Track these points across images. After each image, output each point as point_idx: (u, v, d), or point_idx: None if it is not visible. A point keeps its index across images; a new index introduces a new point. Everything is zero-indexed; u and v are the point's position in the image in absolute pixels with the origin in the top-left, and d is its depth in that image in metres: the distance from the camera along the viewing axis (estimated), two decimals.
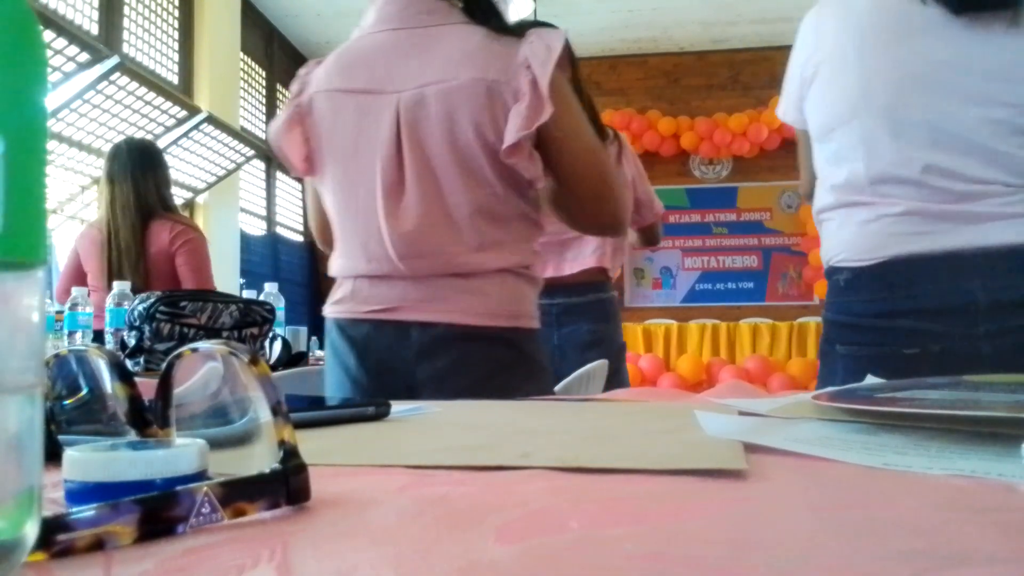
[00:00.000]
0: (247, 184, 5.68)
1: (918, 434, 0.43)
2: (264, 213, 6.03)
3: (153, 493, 0.25)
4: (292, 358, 1.95)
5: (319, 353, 3.22)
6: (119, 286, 1.84)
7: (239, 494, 0.27)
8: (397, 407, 0.64)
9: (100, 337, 1.97)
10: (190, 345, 0.32)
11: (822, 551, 0.23)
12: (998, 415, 0.40)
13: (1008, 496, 0.30)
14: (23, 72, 0.19)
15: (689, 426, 0.48)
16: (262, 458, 0.29)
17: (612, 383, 1.95)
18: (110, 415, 0.37)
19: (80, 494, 0.27)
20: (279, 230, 6.25)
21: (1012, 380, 0.57)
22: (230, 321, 1.70)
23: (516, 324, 1.09)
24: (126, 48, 4.25)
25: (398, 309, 1.08)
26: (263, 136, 5.89)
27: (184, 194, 4.86)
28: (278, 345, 1.93)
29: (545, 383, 1.14)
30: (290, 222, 6.51)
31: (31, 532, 0.19)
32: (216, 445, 0.30)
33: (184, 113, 4.49)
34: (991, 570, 0.21)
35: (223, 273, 4.99)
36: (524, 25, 1.11)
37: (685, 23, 6.18)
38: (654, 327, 6.03)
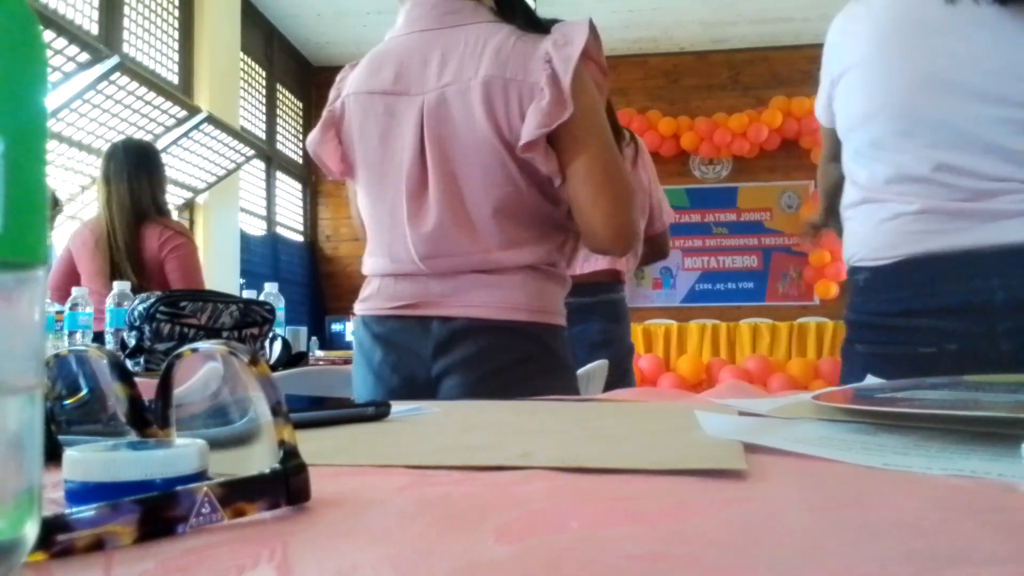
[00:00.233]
0: (247, 184, 5.68)
1: (918, 434, 0.43)
2: (264, 213, 6.03)
3: (153, 493, 0.25)
4: (292, 358, 1.95)
5: (319, 353, 3.23)
6: (119, 286, 1.84)
7: (239, 494, 0.27)
8: (397, 407, 0.64)
9: (100, 337, 1.97)
10: (190, 345, 0.32)
11: (822, 551, 0.23)
12: (998, 415, 0.40)
13: (1008, 496, 0.30)
14: (23, 72, 0.19)
15: (689, 426, 0.48)
16: (262, 458, 0.29)
17: (620, 385, 1.94)
18: (110, 415, 0.37)
19: (80, 494, 0.27)
20: (279, 230, 6.25)
21: (1012, 380, 0.57)
22: (230, 321, 1.70)
23: (539, 319, 1.09)
24: (126, 48, 4.25)
25: (420, 305, 1.10)
26: (263, 136, 5.90)
27: (184, 194, 4.86)
28: (278, 345, 1.93)
29: (568, 381, 1.14)
30: (290, 222, 6.51)
31: (31, 532, 0.19)
32: (216, 445, 0.30)
33: (184, 113, 4.49)
34: (991, 570, 0.21)
35: (223, 273, 5.00)
36: (552, 20, 1.10)
37: (685, 23, 6.17)
38: (654, 327, 6.03)
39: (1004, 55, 0.98)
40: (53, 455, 0.29)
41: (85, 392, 0.38)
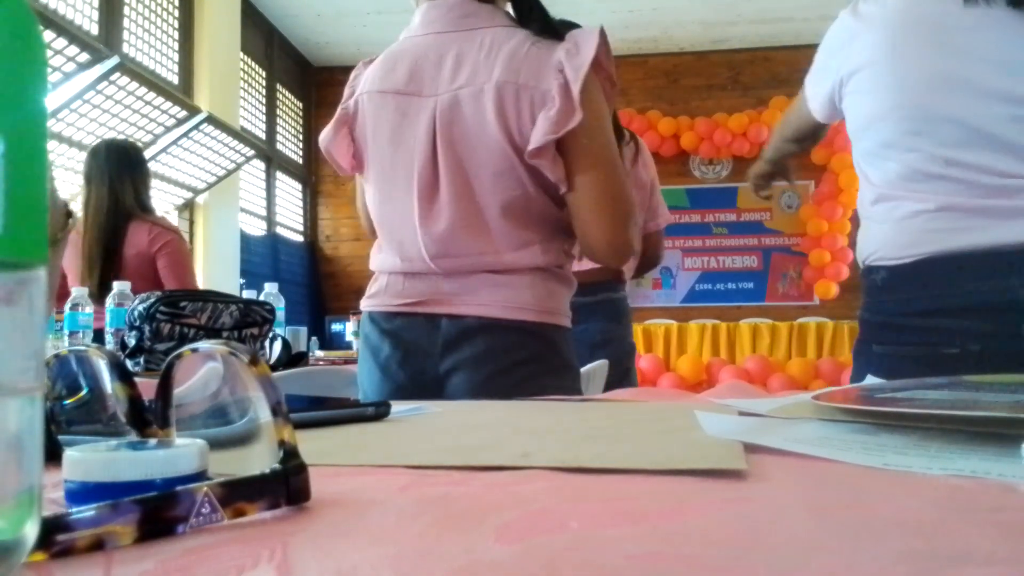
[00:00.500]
0: (247, 184, 5.68)
1: (918, 434, 0.43)
2: (264, 213, 6.03)
3: (153, 493, 0.25)
4: (292, 358, 1.95)
5: (319, 353, 3.22)
6: (119, 286, 1.84)
7: (239, 494, 0.27)
8: (397, 407, 0.64)
9: (100, 337, 1.97)
10: (190, 345, 0.32)
11: (822, 551, 0.23)
12: (998, 415, 0.40)
13: (1008, 496, 0.30)
14: (23, 72, 0.19)
15: (689, 426, 0.48)
16: (262, 458, 0.29)
17: (622, 384, 1.94)
18: (110, 415, 0.37)
19: (80, 494, 0.27)
20: (279, 230, 6.25)
21: (1012, 380, 0.57)
22: (230, 321, 1.70)
23: (547, 320, 1.11)
24: (126, 48, 4.24)
25: (429, 302, 1.11)
26: (263, 136, 5.90)
27: (184, 194, 4.86)
28: (278, 345, 1.93)
29: (572, 382, 1.15)
30: (290, 222, 6.51)
31: (31, 532, 0.19)
32: (216, 445, 0.30)
33: (184, 113, 4.49)
34: (991, 570, 0.21)
35: (223, 273, 5.00)
36: (567, 24, 1.11)
37: (685, 23, 6.17)
38: (654, 327, 6.03)
39: (1017, 54, 0.98)
40: (53, 455, 0.29)
41: (85, 392, 0.38)
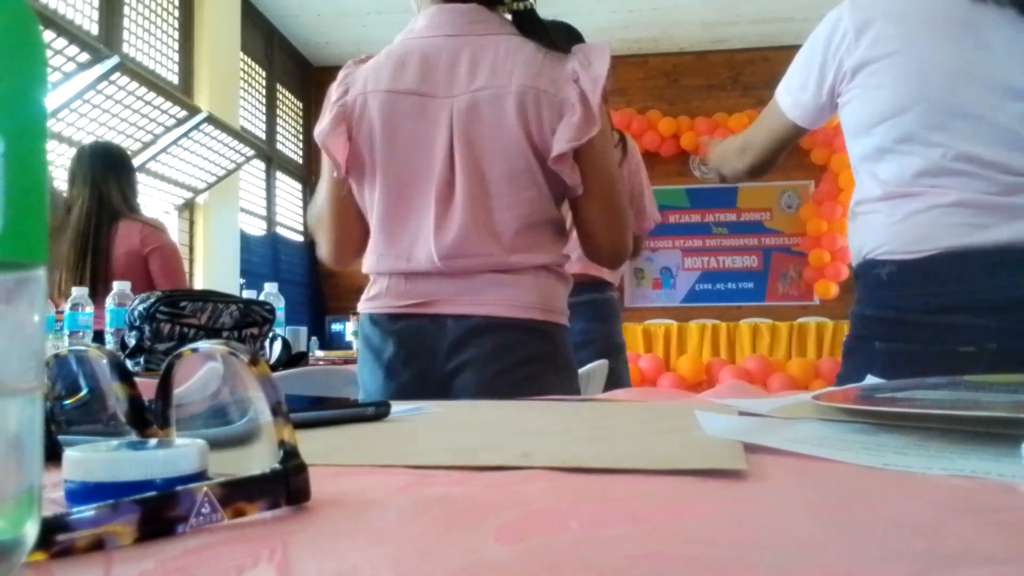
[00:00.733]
0: (247, 184, 5.67)
1: (918, 434, 0.43)
2: (264, 213, 6.03)
3: (153, 493, 0.25)
4: (292, 358, 1.95)
5: (319, 353, 3.22)
6: (119, 286, 1.84)
7: (239, 494, 0.27)
8: (397, 407, 0.64)
9: (99, 337, 1.97)
10: (190, 345, 0.32)
11: (822, 551, 0.23)
12: (998, 415, 0.40)
13: (1008, 496, 0.30)
14: (23, 72, 0.19)
15: (689, 426, 0.48)
16: (262, 458, 0.29)
17: (610, 383, 1.95)
18: (110, 415, 0.37)
19: (80, 494, 0.27)
20: (279, 230, 6.24)
21: (1012, 380, 0.57)
22: (230, 321, 1.70)
23: (550, 318, 1.12)
24: (126, 48, 4.24)
25: (435, 303, 1.11)
26: (263, 136, 5.89)
27: (184, 194, 4.86)
28: (278, 345, 1.93)
29: (572, 380, 1.16)
30: (290, 222, 6.51)
31: (31, 532, 0.19)
32: (216, 445, 0.30)
33: (184, 113, 4.49)
34: (991, 570, 0.21)
35: (223, 273, 5.00)
36: (558, 26, 1.14)
37: (685, 23, 6.17)
38: (654, 327, 6.03)
39: None
40: (53, 455, 0.29)
41: (85, 392, 0.38)
